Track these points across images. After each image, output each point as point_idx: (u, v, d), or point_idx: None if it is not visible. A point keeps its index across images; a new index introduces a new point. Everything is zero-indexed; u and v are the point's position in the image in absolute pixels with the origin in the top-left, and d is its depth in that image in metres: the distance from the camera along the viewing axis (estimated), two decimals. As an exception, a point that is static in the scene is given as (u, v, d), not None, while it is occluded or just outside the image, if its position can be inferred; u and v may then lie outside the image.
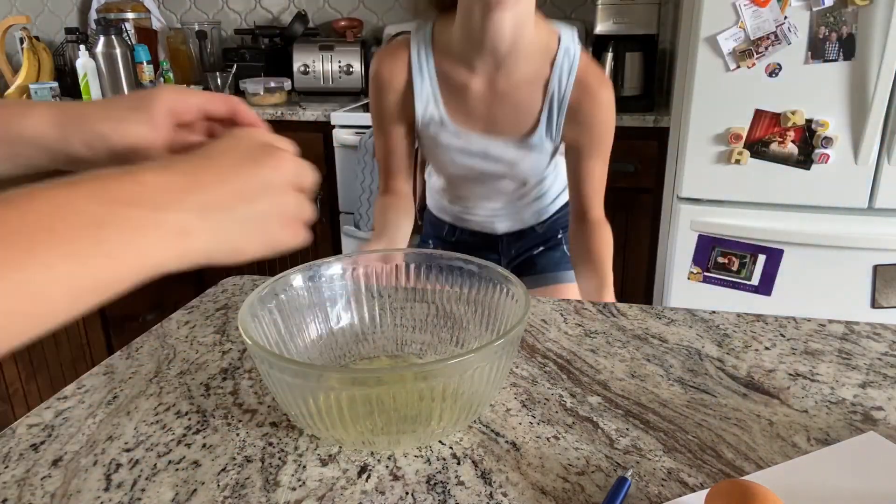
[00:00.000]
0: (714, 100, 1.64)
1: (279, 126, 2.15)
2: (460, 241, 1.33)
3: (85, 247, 0.29)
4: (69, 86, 2.47)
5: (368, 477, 0.50)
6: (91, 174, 0.33)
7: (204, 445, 0.53)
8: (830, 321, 0.74)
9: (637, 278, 2.11)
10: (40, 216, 0.29)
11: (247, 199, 0.37)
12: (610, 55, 2.00)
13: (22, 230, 0.28)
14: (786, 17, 1.53)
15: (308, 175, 0.43)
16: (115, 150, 0.45)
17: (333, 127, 2.08)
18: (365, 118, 2.05)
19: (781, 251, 1.71)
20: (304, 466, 0.51)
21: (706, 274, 1.80)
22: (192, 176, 0.35)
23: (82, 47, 2.26)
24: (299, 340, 0.61)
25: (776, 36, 1.55)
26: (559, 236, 1.37)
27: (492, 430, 0.55)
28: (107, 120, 0.45)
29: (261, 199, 0.38)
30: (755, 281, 1.77)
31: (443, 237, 1.35)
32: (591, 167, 1.14)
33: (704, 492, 0.47)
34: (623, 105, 1.98)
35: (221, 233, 0.36)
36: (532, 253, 1.35)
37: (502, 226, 1.29)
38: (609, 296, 1.06)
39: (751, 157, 1.66)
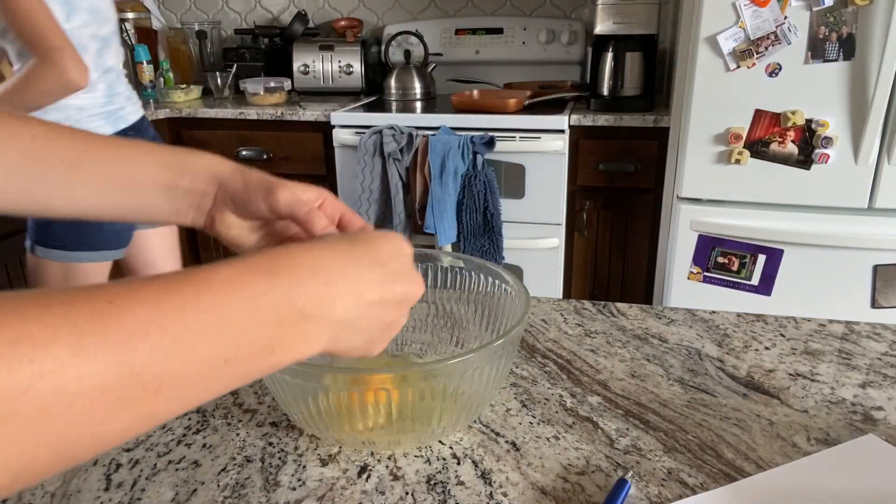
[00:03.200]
0: (714, 100, 1.64)
1: (279, 126, 2.15)
2: None
3: (259, 342, 0.31)
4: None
5: (368, 477, 0.50)
6: (282, 259, 0.34)
7: (204, 445, 0.53)
8: (830, 321, 0.74)
9: (637, 278, 2.11)
10: (237, 307, 0.30)
11: (381, 324, 0.39)
12: (610, 55, 2.00)
13: (215, 320, 0.29)
14: (786, 17, 1.53)
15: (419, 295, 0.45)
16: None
17: (333, 127, 2.08)
18: (365, 118, 2.05)
19: (781, 251, 1.71)
20: (304, 466, 0.51)
21: (706, 274, 1.80)
22: (353, 281, 0.37)
23: (82, 47, 2.26)
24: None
25: (776, 36, 1.55)
26: None
27: (492, 430, 0.55)
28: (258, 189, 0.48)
29: (389, 328, 0.40)
30: (755, 281, 1.77)
31: None
32: None
33: (705, 492, 0.47)
34: (623, 105, 1.99)
35: (353, 350, 0.38)
36: None
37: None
38: None
39: (751, 157, 1.66)
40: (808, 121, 1.59)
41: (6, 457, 0.22)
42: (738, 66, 1.59)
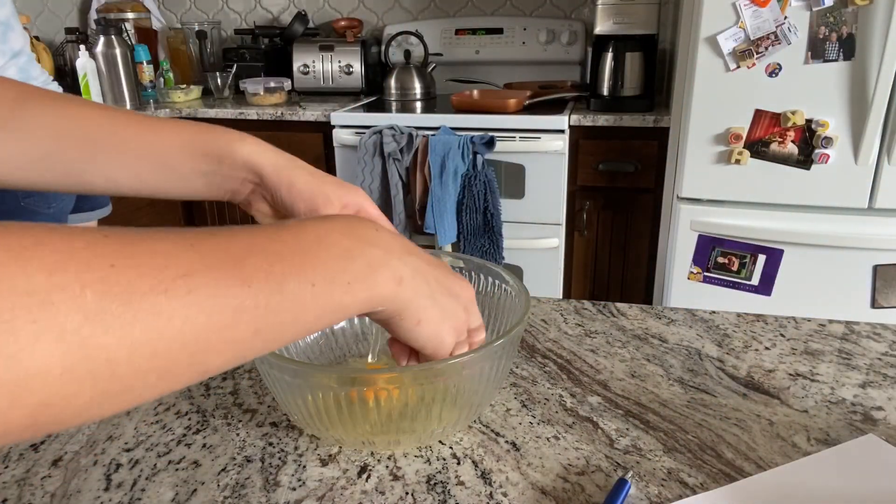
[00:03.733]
0: (714, 100, 1.64)
1: (279, 126, 2.15)
2: None
3: (336, 273, 0.34)
4: (69, 86, 2.47)
5: (368, 477, 0.50)
6: (336, 215, 0.39)
7: (204, 445, 0.53)
8: (830, 321, 0.74)
9: (637, 278, 2.11)
10: (309, 242, 0.34)
11: (441, 288, 0.42)
12: (610, 55, 2.00)
13: (296, 250, 0.32)
14: (786, 17, 1.53)
15: (476, 321, 0.46)
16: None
17: (333, 127, 2.08)
18: (365, 118, 2.06)
19: (781, 251, 1.71)
20: (304, 466, 0.51)
21: (706, 274, 1.80)
22: (409, 246, 0.41)
23: (82, 47, 2.26)
24: (299, 340, 0.61)
25: (776, 36, 1.55)
26: None
27: (492, 430, 0.55)
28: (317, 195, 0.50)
29: (448, 297, 0.42)
30: (755, 281, 1.77)
31: None
32: None
33: (705, 492, 0.47)
34: (623, 105, 1.99)
35: (419, 297, 0.40)
36: None
37: None
38: None
39: (751, 157, 1.66)
40: (808, 121, 1.59)
41: (154, 351, 0.25)
42: (738, 66, 1.59)
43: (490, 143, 1.93)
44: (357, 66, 2.37)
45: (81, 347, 0.22)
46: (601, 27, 1.96)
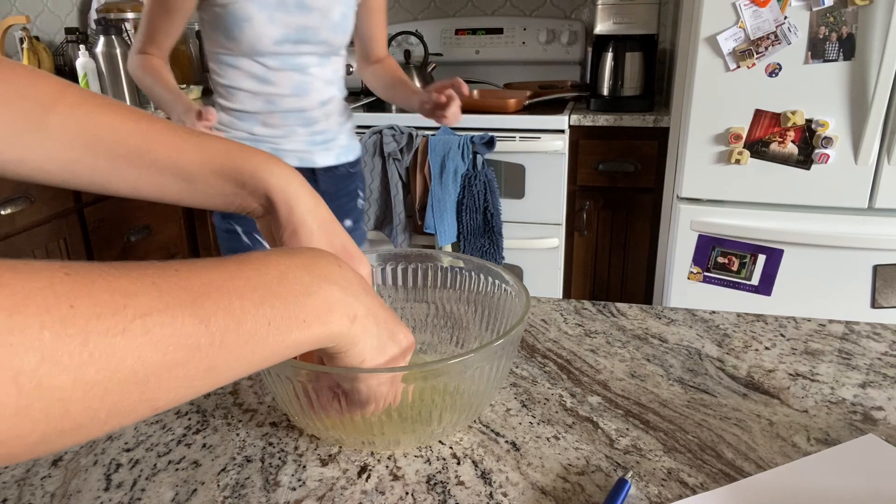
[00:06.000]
0: (714, 100, 1.64)
1: (279, 126, 2.15)
2: None
3: (294, 310, 0.34)
4: (69, 86, 2.47)
5: (368, 477, 0.50)
6: (301, 249, 0.39)
7: (204, 445, 0.53)
8: (830, 321, 0.74)
9: (637, 278, 2.11)
10: (270, 278, 0.34)
11: (387, 332, 0.43)
12: (610, 55, 2.00)
13: (257, 286, 0.33)
14: (786, 17, 1.53)
15: (397, 388, 0.47)
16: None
17: (333, 127, 2.07)
18: (365, 118, 2.05)
19: (781, 251, 1.71)
20: (304, 466, 0.51)
21: (706, 274, 1.80)
22: (367, 287, 0.41)
23: (82, 47, 2.26)
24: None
25: (776, 36, 1.55)
26: (359, 193, 1.48)
27: (492, 430, 0.55)
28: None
29: (391, 342, 0.43)
30: (755, 281, 1.77)
31: None
32: (378, 2, 1.38)
33: (705, 492, 0.47)
34: (623, 105, 1.99)
35: (368, 336, 0.40)
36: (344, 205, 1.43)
37: (320, 155, 1.35)
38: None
39: (751, 157, 1.66)
40: (808, 121, 1.59)
41: (106, 390, 0.25)
42: (738, 66, 1.59)
43: (490, 143, 1.93)
44: (357, 66, 2.37)
45: (36, 388, 0.23)
46: (601, 27, 1.96)
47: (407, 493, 0.48)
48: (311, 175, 1.35)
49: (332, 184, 1.39)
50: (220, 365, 0.30)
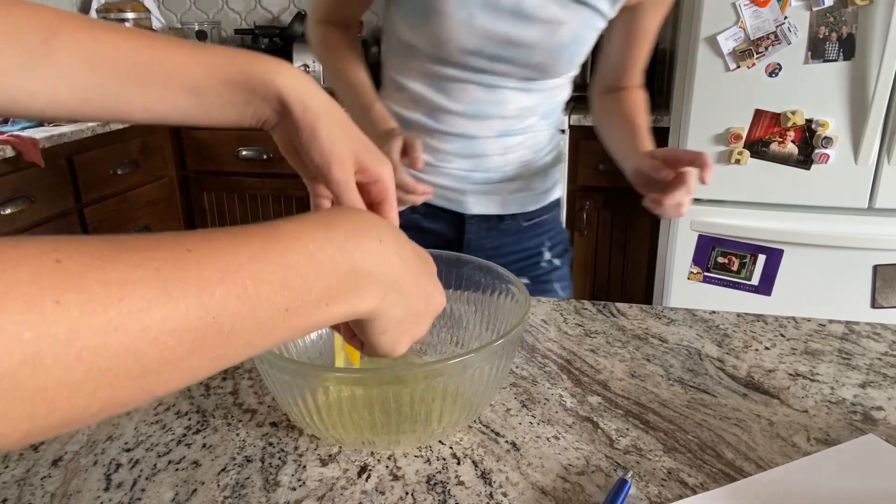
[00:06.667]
0: (714, 100, 1.64)
1: (279, 126, 2.15)
2: (410, 224, 0.98)
3: (317, 294, 0.33)
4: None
5: (368, 477, 0.50)
6: (338, 217, 0.36)
7: (204, 445, 0.53)
8: (830, 321, 0.74)
9: (637, 278, 2.11)
10: (299, 257, 0.32)
11: (417, 297, 0.40)
12: (610, 55, 2.00)
13: (280, 269, 0.31)
14: (786, 17, 1.53)
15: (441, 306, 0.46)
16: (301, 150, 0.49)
17: (333, 127, 2.07)
18: (365, 118, 2.05)
19: (781, 251, 1.71)
20: (304, 466, 0.51)
21: (706, 274, 1.80)
22: (400, 247, 0.39)
23: (82, 47, 2.26)
24: (299, 340, 0.61)
25: (776, 36, 1.55)
26: (544, 252, 1.04)
27: (492, 430, 0.55)
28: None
29: (422, 305, 0.41)
30: (755, 281, 1.77)
31: None
32: (652, 23, 0.92)
33: (705, 492, 0.47)
34: (623, 105, 1.99)
35: (394, 310, 0.38)
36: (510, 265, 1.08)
37: (476, 199, 0.97)
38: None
39: (751, 157, 1.66)
40: (808, 121, 1.59)
41: (97, 388, 0.24)
42: (738, 66, 1.59)
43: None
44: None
45: (16, 390, 0.22)
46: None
47: (407, 493, 0.48)
48: (460, 221, 0.98)
49: (490, 236, 1.00)
50: (228, 353, 0.29)
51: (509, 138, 0.94)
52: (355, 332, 0.41)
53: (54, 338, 0.22)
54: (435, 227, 0.99)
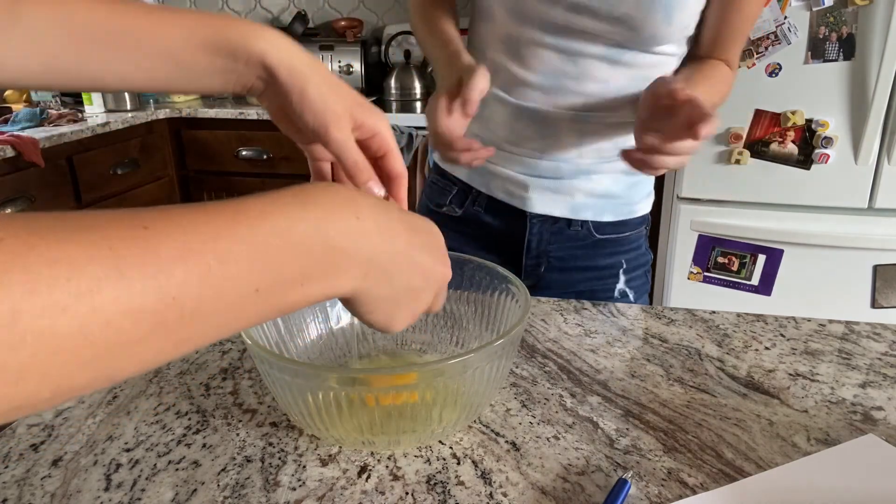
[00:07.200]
0: (714, 100, 1.64)
1: (279, 126, 2.15)
2: (468, 217, 0.90)
3: (290, 273, 0.31)
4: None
5: (368, 477, 0.50)
6: (315, 192, 0.34)
7: (204, 445, 0.53)
8: (830, 321, 0.74)
9: (637, 278, 2.11)
10: (268, 234, 0.30)
11: (413, 275, 0.39)
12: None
13: (248, 247, 0.29)
14: (786, 17, 1.53)
15: (440, 302, 0.45)
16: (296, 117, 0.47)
17: (333, 127, 2.07)
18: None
19: (781, 251, 1.72)
20: (304, 466, 0.51)
21: (706, 274, 1.80)
22: (383, 223, 0.37)
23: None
24: (299, 340, 0.61)
25: (776, 36, 1.55)
26: (618, 270, 0.92)
27: (492, 430, 0.55)
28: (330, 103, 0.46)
29: (419, 280, 0.40)
30: (755, 281, 1.77)
31: (440, 209, 0.90)
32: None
33: (705, 492, 0.47)
34: (623, 105, 1.99)
35: (378, 288, 0.37)
36: (573, 279, 0.92)
37: (541, 196, 0.86)
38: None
39: (751, 157, 1.66)
40: (808, 121, 1.59)
41: (47, 372, 0.23)
42: (738, 66, 1.59)
43: (491, 144, 1.92)
44: (357, 66, 2.37)
45: None
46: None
47: (407, 493, 0.48)
48: (522, 219, 0.89)
49: (555, 242, 0.89)
50: (195, 335, 0.28)
51: (587, 124, 0.81)
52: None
53: None
54: (495, 224, 0.90)
